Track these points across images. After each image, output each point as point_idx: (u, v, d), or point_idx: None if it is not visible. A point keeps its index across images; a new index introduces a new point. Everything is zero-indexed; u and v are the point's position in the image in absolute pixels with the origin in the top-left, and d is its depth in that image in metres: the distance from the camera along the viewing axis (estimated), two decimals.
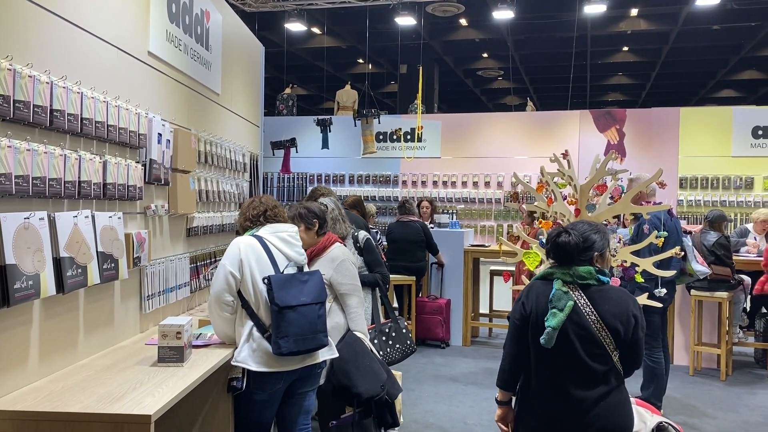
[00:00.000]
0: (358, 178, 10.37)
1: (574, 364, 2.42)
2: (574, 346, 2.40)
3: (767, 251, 6.07)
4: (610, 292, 2.47)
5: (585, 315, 2.40)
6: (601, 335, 2.38)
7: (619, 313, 2.40)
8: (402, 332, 4.10)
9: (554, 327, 2.39)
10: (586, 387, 2.40)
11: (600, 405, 2.39)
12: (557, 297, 2.43)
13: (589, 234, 2.52)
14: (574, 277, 2.46)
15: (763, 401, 5.51)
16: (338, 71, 18.63)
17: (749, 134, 8.88)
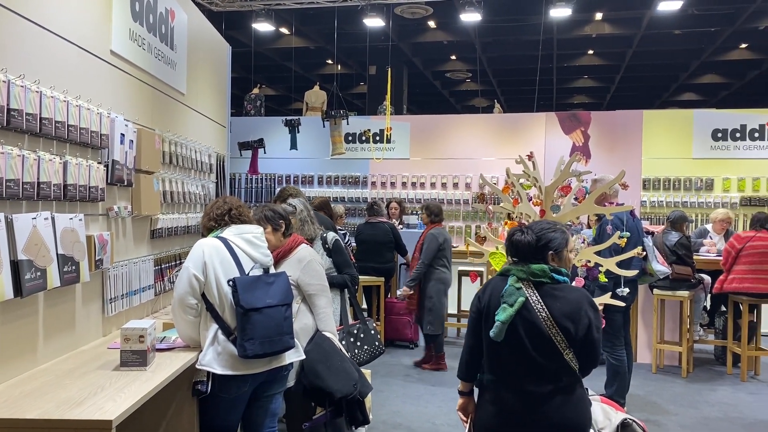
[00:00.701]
0: (327, 179, 10.34)
1: (524, 359, 2.46)
2: (523, 342, 2.45)
3: (726, 251, 6.23)
4: (565, 290, 2.50)
5: (536, 312, 2.44)
6: (551, 332, 2.41)
7: (571, 312, 2.43)
8: (370, 333, 4.10)
9: (503, 321, 2.44)
10: (536, 382, 2.44)
11: (550, 401, 2.42)
12: (509, 292, 2.49)
13: (545, 233, 2.56)
14: (527, 274, 2.50)
15: (723, 397, 5.65)
16: (307, 72, 18.56)
17: (709, 137, 9.11)
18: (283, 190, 5.00)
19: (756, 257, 5.96)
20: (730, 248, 6.15)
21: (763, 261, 5.96)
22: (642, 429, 2.71)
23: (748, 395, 5.73)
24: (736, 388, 5.93)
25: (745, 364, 6.22)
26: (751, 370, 6.37)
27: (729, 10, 13.13)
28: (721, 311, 6.79)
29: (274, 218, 3.32)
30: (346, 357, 3.39)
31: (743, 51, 16.25)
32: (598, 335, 2.44)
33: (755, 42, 15.49)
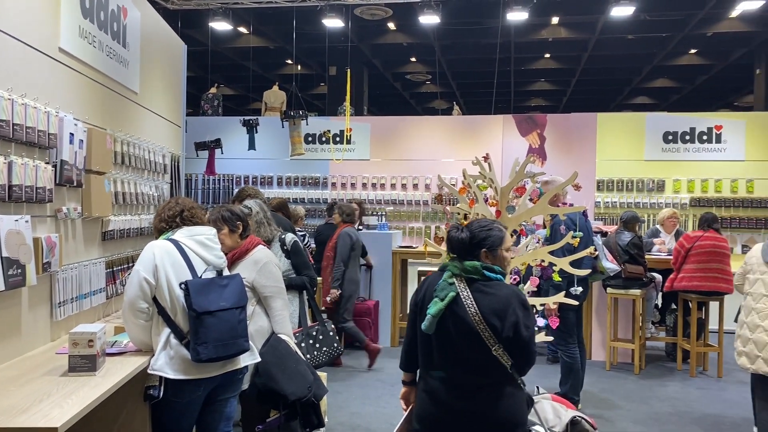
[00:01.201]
0: (287, 179, 10.27)
1: (452, 353, 2.52)
2: (452, 335, 2.51)
3: (676, 250, 6.41)
4: (495, 288, 2.54)
5: (465, 307, 2.49)
6: (479, 328, 2.46)
7: (499, 309, 2.47)
8: (329, 335, 4.09)
9: (433, 315, 2.50)
10: (464, 375, 2.50)
11: (477, 394, 2.49)
12: (441, 287, 2.56)
13: (479, 231, 2.62)
14: (460, 270, 2.57)
15: (673, 393, 5.81)
16: (266, 71, 18.40)
17: (660, 139, 9.37)
18: (241, 191, 4.96)
19: (704, 256, 6.15)
20: (680, 248, 6.33)
21: (711, 260, 6.15)
22: (591, 425, 2.77)
23: (697, 390, 5.91)
24: (685, 384, 6.11)
25: (694, 360, 6.41)
26: (699, 365, 6.57)
27: (679, 16, 13.54)
28: (672, 309, 6.99)
29: (231, 219, 3.28)
30: (302, 359, 3.37)
31: (693, 56, 16.77)
32: (527, 333, 2.47)
33: (704, 48, 16.01)
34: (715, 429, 4.88)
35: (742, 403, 5.35)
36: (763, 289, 3.87)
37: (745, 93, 20.29)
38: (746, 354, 3.91)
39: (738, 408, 5.33)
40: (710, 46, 15.82)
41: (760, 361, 3.80)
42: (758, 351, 3.82)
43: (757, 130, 9.11)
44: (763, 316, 3.82)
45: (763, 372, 3.79)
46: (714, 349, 6.51)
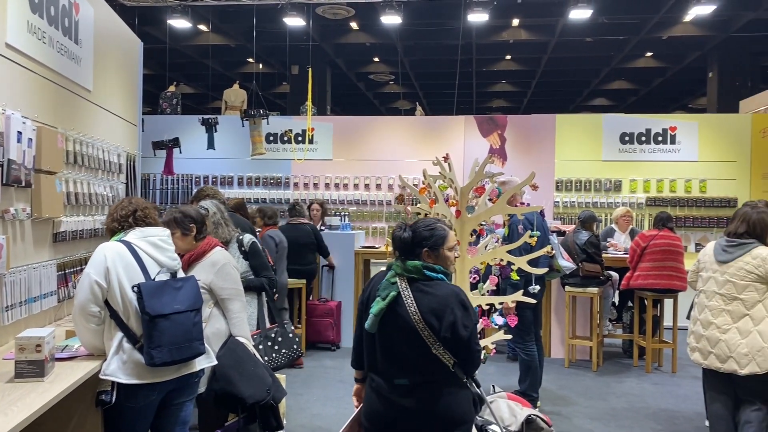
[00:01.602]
0: (248, 179, 10.15)
1: (394, 350, 2.56)
2: (393, 334, 2.55)
3: (632, 249, 6.55)
4: (435, 287, 2.56)
5: (406, 306, 2.52)
6: (418, 327, 2.49)
7: (437, 308, 2.50)
8: (288, 337, 4.06)
9: (375, 314, 2.54)
10: (405, 373, 2.54)
11: (418, 392, 2.52)
12: (383, 286, 2.60)
13: (421, 231, 2.65)
14: (402, 270, 2.59)
15: (629, 389, 5.94)
16: (227, 70, 18.17)
17: (617, 140, 9.55)
18: (200, 191, 4.89)
19: (659, 255, 6.30)
20: (636, 246, 6.47)
21: (666, 258, 6.30)
22: (546, 423, 2.81)
23: (652, 386, 6.05)
24: (641, 380, 6.25)
25: (650, 357, 6.56)
26: (655, 361, 6.73)
27: (635, 20, 13.84)
28: (628, 306, 7.14)
29: (183, 222, 3.22)
30: (260, 362, 3.33)
31: (649, 59, 17.18)
32: (465, 333, 2.49)
33: (659, 51, 16.41)
34: (669, 423, 5.00)
35: (694, 397, 5.49)
36: (716, 286, 3.93)
37: (699, 95, 20.88)
38: (699, 350, 3.99)
39: (691, 402, 5.47)
40: (665, 50, 16.23)
41: (713, 356, 3.88)
42: (711, 347, 3.89)
43: (710, 132, 9.37)
44: (715, 313, 3.89)
45: (716, 367, 3.87)
46: (669, 345, 6.66)
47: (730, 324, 3.81)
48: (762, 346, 3.71)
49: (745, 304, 3.78)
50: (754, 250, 3.82)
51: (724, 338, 3.81)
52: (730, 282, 3.84)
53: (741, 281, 3.80)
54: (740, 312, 3.79)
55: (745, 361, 3.74)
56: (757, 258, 3.78)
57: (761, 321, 3.75)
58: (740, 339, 3.76)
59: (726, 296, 3.85)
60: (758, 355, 3.71)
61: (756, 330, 3.74)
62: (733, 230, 3.95)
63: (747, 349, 3.72)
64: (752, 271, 3.77)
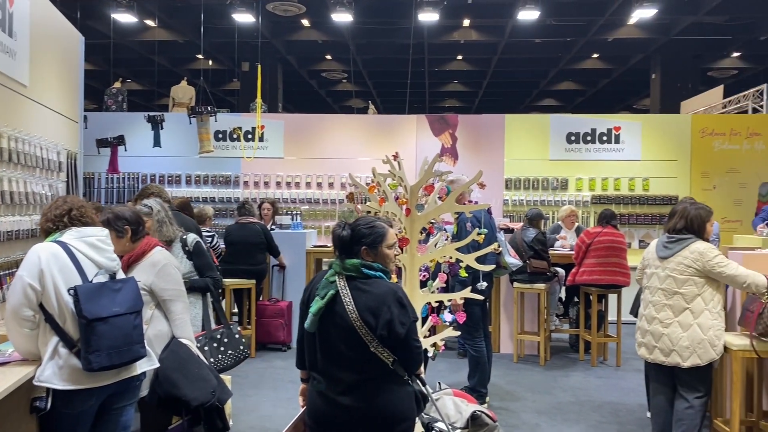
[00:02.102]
0: (196, 178, 9.96)
1: (333, 350, 2.56)
2: (332, 333, 2.55)
3: (577, 246, 6.70)
4: (373, 285, 2.56)
5: (344, 305, 2.53)
6: (356, 325, 2.50)
7: (374, 306, 2.50)
8: (235, 338, 3.99)
9: (313, 313, 2.54)
10: (344, 372, 2.55)
11: (357, 391, 2.53)
12: (322, 285, 2.60)
13: (360, 229, 2.65)
14: (341, 268, 2.60)
15: (575, 382, 6.07)
16: (176, 66, 17.81)
17: (564, 140, 9.76)
18: (144, 189, 4.79)
19: (603, 251, 6.46)
20: (581, 243, 6.62)
21: (609, 254, 6.47)
22: (491, 419, 2.84)
23: (597, 379, 6.20)
24: (587, 373, 6.40)
25: (595, 351, 6.72)
26: (600, 355, 6.90)
27: (582, 22, 14.18)
28: (574, 302, 7.30)
29: (116, 222, 3.12)
30: (204, 363, 3.27)
31: (595, 60, 17.62)
32: (402, 330, 2.50)
33: (605, 52, 16.86)
34: (612, 416, 5.13)
35: (637, 390, 5.65)
36: (658, 282, 4.03)
37: (643, 96, 21.54)
38: (645, 345, 4.07)
39: (634, 395, 5.63)
40: (611, 51, 16.68)
41: (657, 351, 3.96)
42: (655, 342, 3.97)
43: (652, 132, 9.67)
44: (658, 308, 3.98)
45: (660, 361, 3.95)
46: (613, 339, 6.84)
47: (672, 318, 3.91)
48: (702, 338, 3.83)
49: (685, 298, 3.89)
50: (692, 245, 3.92)
51: (667, 332, 3.91)
52: (670, 277, 3.94)
53: (680, 276, 3.90)
54: (681, 306, 3.90)
55: (687, 353, 3.84)
56: (695, 252, 3.89)
57: (700, 314, 3.86)
58: (682, 332, 3.86)
59: (667, 291, 3.95)
60: (699, 348, 3.83)
61: (696, 323, 3.85)
62: (672, 226, 4.06)
63: (688, 342, 3.83)
64: (690, 265, 3.87)
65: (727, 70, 17.74)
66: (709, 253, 3.87)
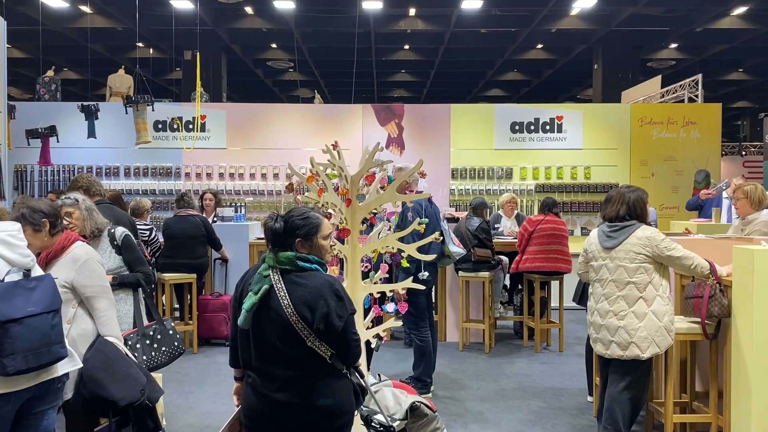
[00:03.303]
0: (135, 170, 9.65)
1: (268, 346, 2.47)
2: (266, 329, 2.47)
3: (520, 233, 6.76)
4: (309, 278, 2.49)
5: (279, 299, 2.44)
6: (292, 320, 2.42)
7: (311, 299, 2.43)
8: (168, 334, 3.86)
9: (247, 309, 2.45)
10: (280, 367, 2.47)
11: (294, 386, 2.46)
12: (256, 280, 2.50)
13: (292, 220, 2.57)
14: (275, 262, 2.51)
15: (519, 369, 6.14)
16: (114, 54, 17.21)
17: (508, 129, 9.85)
18: (74, 182, 4.59)
19: (545, 239, 6.54)
20: (524, 231, 6.68)
21: (551, 242, 6.56)
22: (430, 409, 2.81)
23: (541, 365, 6.29)
24: (530, 360, 6.49)
25: (539, 337, 6.82)
26: (543, 341, 7.01)
27: (525, 12, 14.33)
28: (518, 289, 7.39)
29: (32, 216, 2.95)
30: (132, 361, 3.14)
31: (539, 51, 17.87)
32: (339, 323, 2.44)
33: (549, 43, 17.11)
34: (554, 400, 5.21)
35: (579, 374, 5.74)
36: (608, 274, 3.92)
37: (586, 87, 22.00)
38: (600, 340, 3.96)
39: (576, 379, 5.72)
40: (554, 42, 16.94)
41: (614, 345, 3.86)
42: (611, 336, 3.87)
43: (593, 121, 9.85)
44: (611, 301, 3.87)
45: (618, 356, 3.84)
46: (556, 325, 6.96)
47: (627, 309, 3.81)
48: (659, 325, 3.77)
49: (638, 286, 3.80)
50: (637, 230, 3.84)
51: (623, 324, 3.80)
52: (621, 267, 3.84)
53: (631, 264, 3.80)
54: (634, 296, 3.80)
55: (645, 344, 3.76)
56: (642, 238, 3.81)
57: (653, 301, 3.79)
58: (638, 323, 3.77)
59: (619, 282, 3.85)
60: (657, 336, 3.76)
61: (651, 311, 3.77)
62: (613, 214, 3.94)
63: (646, 332, 3.75)
64: (640, 251, 3.79)
65: (665, 61, 18.27)
66: (657, 236, 3.81)
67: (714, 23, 14.78)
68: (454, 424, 4.67)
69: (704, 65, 16.72)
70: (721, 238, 4.45)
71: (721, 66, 19.17)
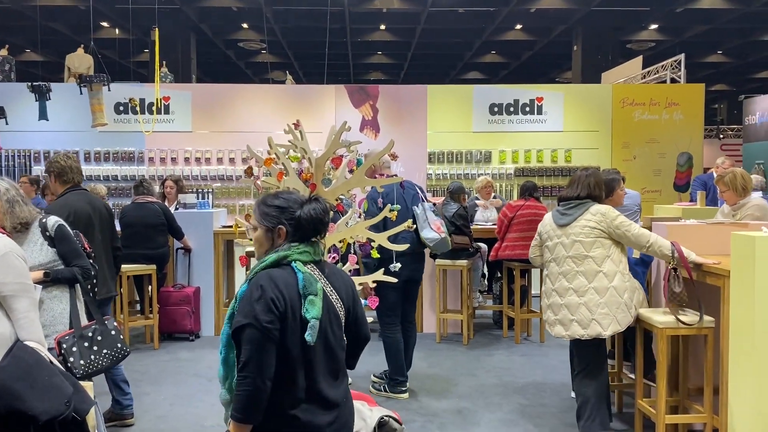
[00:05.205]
0: (96, 155, 9.16)
1: (328, 356, 2.12)
2: (327, 335, 2.10)
3: (499, 220, 6.44)
4: (331, 266, 2.25)
5: (331, 298, 2.12)
6: (341, 314, 2.15)
7: (345, 286, 2.20)
8: (111, 335, 3.46)
9: (317, 317, 2.02)
10: (336, 381, 2.14)
11: (347, 400, 2.20)
12: (309, 281, 2.05)
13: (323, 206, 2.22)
14: (317, 254, 2.16)
15: (498, 362, 5.84)
16: (77, 35, 16.48)
17: (487, 111, 9.51)
18: (49, 164, 4.35)
19: (525, 225, 6.22)
20: (503, 217, 6.36)
21: (532, 228, 6.16)
22: (398, 422, 2.47)
23: (521, 357, 5.99)
24: (510, 351, 6.18)
25: (519, 327, 6.52)
26: (524, 332, 6.72)
27: None
28: (498, 277, 7.08)
29: None
30: (57, 369, 2.73)
31: (518, 32, 17.50)
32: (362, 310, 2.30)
33: (528, 23, 16.74)
34: (536, 397, 4.91)
35: (561, 367, 5.46)
36: (564, 251, 3.82)
37: (565, 69, 21.73)
38: (560, 322, 3.83)
39: (558, 373, 5.44)
40: (534, 22, 16.57)
41: (575, 324, 3.74)
42: (572, 315, 3.75)
43: (574, 102, 9.55)
44: (570, 278, 3.77)
45: (579, 335, 3.74)
46: (536, 315, 6.66)
47: (587, 285, 3.72)
48: (620, 302, 3.69)
49: (596, 261, 3.73)
50: (592, 207, 3.82)
51: (584, 301, 3.71)
52: (577, 242, 3.78)
53: (587, 239, 3.75)
54: (593, 270, 3.73)
55: (607, 321, 3.69)
56: (597, 214, 3.78)
57: (614, 276, 3.72)
58: (599, 299, 3.68)
59: (577, 257, 3.77)
60: (618, 312, 3.70)
61: (612, 286, 3.70)
62: (573, 194, 3.91)
63: (607, 308, 3.67)
64: (596, 226, 3.75)
65: (645, 42, 18.03)
66: (611, 213, 3.78)
67: (694, 3, 14.55)
68: (430, 425, 4.35)
69: (684, 47, 16.48)
70: (714, 224, 4.15)
71: (701, 48, 19.02)
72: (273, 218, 2.17)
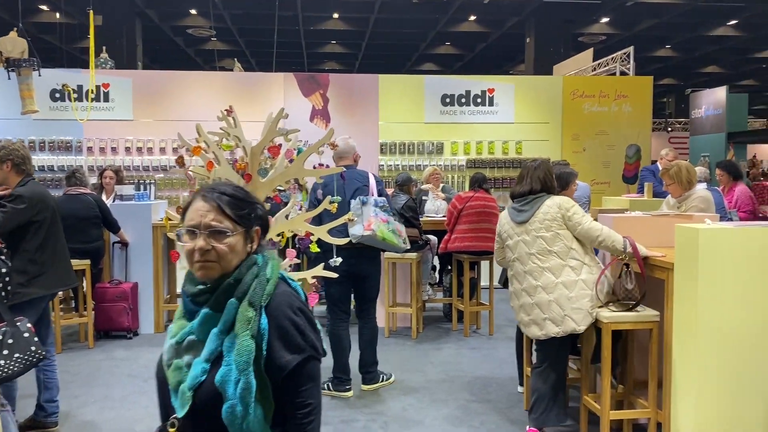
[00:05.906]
0: (30, 143, 8.67)
1: None
2: None
3: (449, 211, 6.33)
4: None
5: None
6: None
7: None
8: (23, 337, 3.19)
9: None
10: None
11: None
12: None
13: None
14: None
15: (447, 356, 5.73)
16: (16, 19, 15.67)
17: (439, 102, 9.39)
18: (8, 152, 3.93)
19: (474, 217, 6.12)
20: (453, 209, 6.25)
21: (481, 220, 6.15)
22: None
23: (470, 350, 5.91)
24: (459, 345, 6.09)
25: (468, 320, 6.44)
26: (473, 324, 6.64)
27: None
28: (448, 270, 6.98)
29: None
30: None
31: (472, 23, 17.45)
32: None
33: (481, 15, 16.70)
34: (482, 392, 4.81)
35: (508, 360, 5.39)
36: (527, 248, 3.72)
37: (518, 62, 21.82)
38: (534, 322, 3.70)
39: (506, 366, 5.36)
40: (487, 14, 16.54)
41: (549, 323, 3.62)
42: (544, 313, 3.63)
43: (525, 94, 9.51)
44: (537, 275, 3.67)
45: (555, 333, 3.61)
46: (486, 307, 6.59)
47: (555, 280, 3.62)
48: (590, 294, 3.60)
49: (560, 255, 3.65)
50: (546, 200, 3.75)
51: (554, 297, 3.61)
52: (539, 238, 3.69)
53: (548, 233, 3.67)
54: (559, 264, 3.64)
55: (579, 315, 3.59)
56: (553, 206, 3.71)
57: (581, 270, 3.63)
58: (569, 293, 3.59)
59: (540, 253, 3.68)
60: (589, 304, 3.61)
61: (581, 279, 3.61)
62: (526, 190, 3.81)
63: (578, 303, 3.58)
64: (554, 218, 3.68)
65: (596, 36, 18.22)
66: (566, 203, 3.72)
67: None
68: (373, 425, 4.20)
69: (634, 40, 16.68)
70: (659, 215, 4.10)
71: (650, 42, 19.32)
72: (249, 217, 1.70)
